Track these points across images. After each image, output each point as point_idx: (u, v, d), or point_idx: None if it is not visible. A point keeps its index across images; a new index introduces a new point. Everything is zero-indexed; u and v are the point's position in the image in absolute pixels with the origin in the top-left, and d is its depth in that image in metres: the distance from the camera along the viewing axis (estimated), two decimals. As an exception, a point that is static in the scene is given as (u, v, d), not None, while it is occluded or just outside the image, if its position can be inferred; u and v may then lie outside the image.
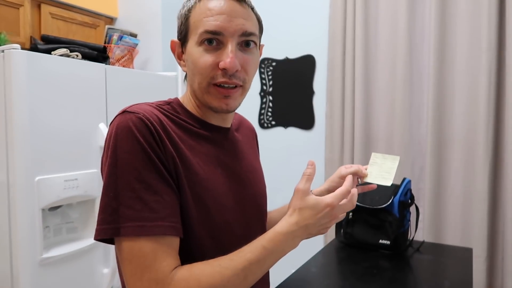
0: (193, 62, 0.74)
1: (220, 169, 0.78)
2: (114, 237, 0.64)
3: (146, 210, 0.63)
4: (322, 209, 0.68)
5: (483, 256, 1.95)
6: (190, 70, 0.76)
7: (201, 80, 0.73)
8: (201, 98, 0.76)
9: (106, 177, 0.66)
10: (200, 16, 0.72)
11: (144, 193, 0.64)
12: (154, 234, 0.63)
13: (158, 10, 2.29)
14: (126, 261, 0.64)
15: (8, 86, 1.44)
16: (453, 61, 2.06)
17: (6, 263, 1.46)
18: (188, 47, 0.75)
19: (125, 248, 0.63)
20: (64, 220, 1.67)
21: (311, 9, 2.50)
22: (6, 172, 1.46)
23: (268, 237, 0.67)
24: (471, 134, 2.02)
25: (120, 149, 0.65)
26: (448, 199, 2.09)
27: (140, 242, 0.63)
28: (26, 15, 1.94)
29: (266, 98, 2.66)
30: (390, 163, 0.84)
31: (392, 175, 0.81)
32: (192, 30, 0.74)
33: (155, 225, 0.64)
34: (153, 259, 0.62)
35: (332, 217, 0.70)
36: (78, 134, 1.62)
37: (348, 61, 2.28)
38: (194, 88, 0.77)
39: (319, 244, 2.42)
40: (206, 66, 0.72)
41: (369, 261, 1.37)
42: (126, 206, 0.63)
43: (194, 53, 0.73)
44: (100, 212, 0.66)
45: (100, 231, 0.65)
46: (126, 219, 0.63)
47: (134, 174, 0.64)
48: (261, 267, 0.66)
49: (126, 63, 2.17)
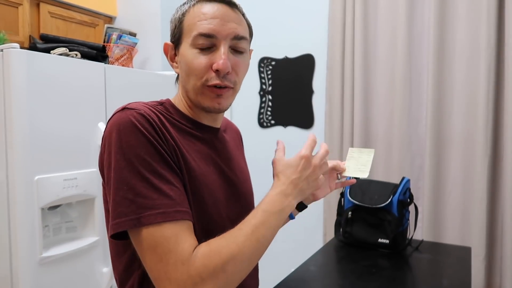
0: (187, 64, 0.77)
1: (212, 167, 0.81)
2: (135, 228, 0.65)
3: (163, 198, 0.66)
4: (299, 162, 0.74)
5: (481, 255, 1.95)
6: (183, 72, 0.79)
7: (195, 81, 0.77)
8: (194, 98, 0.79)
9: (115, 171, 0.67)
10: (194, 20, 0.76)
11: (158, 182, 0.66)
12: (175, 219, 0.65)
13: (157, 9, 2.29)
14: (149, 250, 0.65)
15: (7, 85, 1.43)
16: (452, 60, 2.07)
17: (6, 262, 1.46)
18: (182, 49, 0.78)
19: (147, 237, 0.64)
20: (64, 219, 1.67)
21: (311, 8, 2.50)
22: (5, 171, 1.46)
23: (264, 201, 0.72)
24: (470, 133, 2.03)
25: (126, 143, 0.67)
26: (447, 198, 2.09)
27: (161, 229, 0.64)
28: (25, 14, 1.94)
29: (266, 97, 2.66)
30: (366, 156, 0.87)
31: (368, 167, 0.85)
32: (186, 33, 0.77)
33: (175, 210, 0.66)
34: (176, 243, 0.64)
35: (314, 168, 0.76)
36: (77, 133, 1.62)
37: (348, 61, 2.28)
38: (187, 89, 0.80)
39: (318, 243, 2.43)
40: (200, 67, 0.75)
41: (368, 260, 1.37)
42: (142, 197, 0.65)
43: (188, 55, 0.76)
44: (115, 206, 0.66)
45: (120, 224, 0.65)
46: (145, 209, 0.64)
47: (144, 165, 0.66)
48: (268, 228, 0.69)
49: (125, 62, 2.17)
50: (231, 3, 0.78)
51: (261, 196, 0.75)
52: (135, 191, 0.65)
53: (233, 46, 0.78)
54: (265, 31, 2.60)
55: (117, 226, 0.66)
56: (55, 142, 1.54)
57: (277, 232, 0.72)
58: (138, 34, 2.26)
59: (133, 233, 0.66)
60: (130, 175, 0.66)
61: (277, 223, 0.71)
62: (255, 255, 0.68)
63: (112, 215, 0.67)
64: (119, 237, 0.68)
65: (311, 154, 0.76)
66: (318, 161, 0.76)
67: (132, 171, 0.66)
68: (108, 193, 0.69)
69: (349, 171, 0.85)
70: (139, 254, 0.67)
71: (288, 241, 2.51)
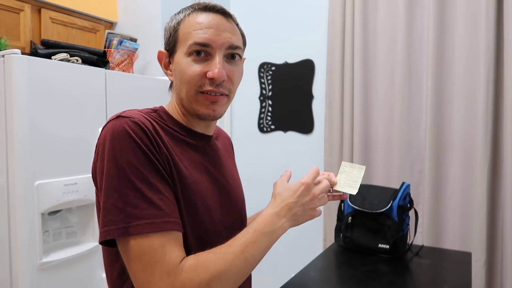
0: (181, 72, 0.78)
1: (204, 175, 0.81)
2: (122, 237, 0.65)
3: (152, 208, 0.66)
4: (298, 188, 0.75)
5: (482, 260, 1.95)
6: (177, 79, 0.80)
7: (189, 89, 0.77)
8: (188, 106, 0.80)
9: (107, 179, 0.67)
10: (189, 29, 0.77)
11: (148, 192, 0.66)
12: (163, 229, 0.66)
13: (157, 15, 2.30)
14: (135, 259, 0.65)
15: (8, 90, 1.44)
16: (451, 65, 2.08)
17: (6, 267, 1.46)
18: (176, 58, 0.79)
19: (134, 246, 0.65)
20: (64, 224, 1.67)
21: (310, 14, 2.52)
22: (6, 176, 1.46)
23: (256, 221, 0.73)
24: (469, 138, 2.03)
25: (119, 151, 0.67)
26: (447, 203, 2.09)
27: (149, 239, 0.65)
28: (26, 20, 1.95)
29: (266, 102, 2.66)
30: (357, 172, 0.88)
31: (357, 184, 0.86)
32: (181, 42, 0.78)
33: (163, 221, 0.66)
34: (163, 253, 0.64)
35: (312, 196, 0.76)
36: (77, 138, 1.62)
37: (347, 66, 2.29)
38: (181, 97, 0.80)
39: (318, 248, 2.42)
40: (194, 75, 0.76)
41: (368, 266, 1.37)
42: (132, 206, 0.65)
43: (183, 63, 0.77)
44: (105, 214, 0.66)
45: (108, 232, 0.66)
46: (133, 218, 0.65)
47: (136, 174, 0.66)
48: (257, 248, 0.70)
49: (125, 68, 2.18)
50: (226, 13, 0.80)
51: (256, 201, 0.76)
52: (125, 199, 0.65)
53: (228, 55, 0.79)
54: (265, 37, 2.61)
55: (105, 234, 0.66)
56: (55, 147, 1.54)
57: (267, 252, 0.72)
58: (139, 40, 2.27)
59: (121, 241, 0.67)
60: (121, 183, 0.66)
61: (267, 244, 0.71)
62: (242, 273, 0.69)
63: (101, 222, 0.67)
64: (109, 244, 0.68)
65: (312, 182, 0.77)
66: (318, 192, 0.77)
67: (123, 179, 0.66)
68: (100, 200, 0.70)
69: (340, 185, 0.86)
70: (125, 263, 0.67)
71: (288, 246, 2.50)
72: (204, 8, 0.78)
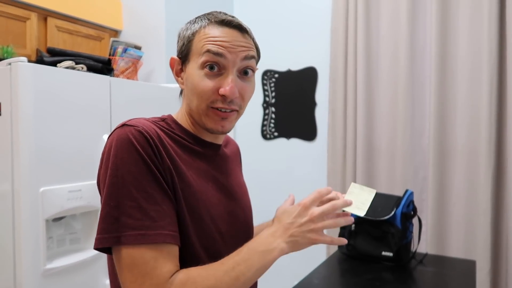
0: (193, 84, 0.77)
1: (211, 183, 0.81)
2: (115, 245, 0.66)
3: (146, 219, 0.66)
4: (295, 209, 0.74)
5: (486, 269, 1.93)
6: (189, 90, 0.79)
7: (199, 103, 0.77)
8: (198, 119, 0.80)
9: (107, 187, 0.68)
10: (203, 41, 0.76)
11: (144, 202, 0.66)
12: (155, 242, 0.65)
13: (162, 23, 2.32)
14: (126, 269, 0.65)
15: (15, 97, 1.45)
16: (454, 72, 2.08)
17: (10, 273, 1.46)
18: (189, 68, 0.79)
19: (125, 257, 0.65)
20: (68, 231, 1.67)
21: (313, 21, 2.53)
22: (11, 182, 1.47)
23: (252, 240, 0.73)
24: (473, 145, 2.03)
25: (121, 160, 0.67)
26: (451, 210, 2.08)
27: (141, 250, 0.65)
28: (32, 28, 1.97)
29: (269, 109, 2.67)
30: (366, 194, 0.88)
31: (366, 206, 0.85)
32: (194, 53, 0.77)
33: (156, 233, 0.66)
34: (154, 266, 0.64)
35: (310, 217, 0.72)
36: (82, 145, 1.64)
37: (350, 73, 2.30)
38: (191, 108, 0.80)
39: (321, 256, 2.41)
40: (206, 90, 0.76)
41: (371, 273, 1.37)
42: (126, 215, 0.65)
43: (196, 76, 0.76)
44: (101, 221, 0.67)
45: (101, 240, 0.66)
46: (127, 228, 0.65)
47: (134, 184, 0.66)
48: (249, 266, 0.68)
49: (130, 75, 2.20)
50: (242, 28, 0.78)
51: (259, 209, 0.76)
52: (121, 209, 0.65)
53: (241, 71, 0.78)
54: (268, 44, 2.63)
55: (98, 241, 0.67)
56: (60, 154, 1.55)
57: (263, 272, 0.70)
58: (143, 48, 2.29)
59: (114, 250, 0.67)
60: (119, 192, 0.66)
61: (260, 264, 0.69)
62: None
63: (97, 229, 0.68)
64: (107, 251, 0.69)
65: (311, 204, 0.74)
66: (316, 212, 0.73)
67: (122, 188, 0.66)
68: None
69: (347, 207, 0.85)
70: (117, 271, 0.68)
71: (291, 254, 2.49)
72: (220, 22, 0.77)
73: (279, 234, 0.72)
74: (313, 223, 0.73)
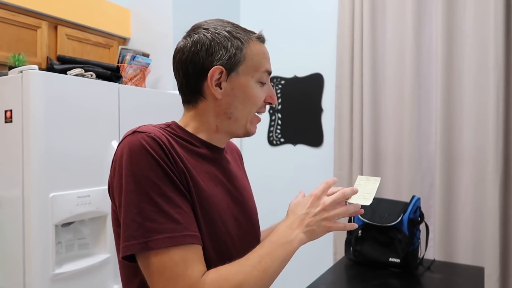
0: (247, 93, 0.82)
1: (219, 186, 0.82)
2: (143, 251, 0.66)
3: (171, 222, 0.67)
4: (308, 200, 0.79)
5: (495, 275, 1.92)
6: (237, 100, 0.82)
7: (251, 110, 0.84)
8: (243, 125, 0.84)
9: (125, 194, 0.68)
10: (259, 56, 0.83)
11: (166, 206, 0.67)
12: (183, 243, 0.67)
13: (169, 30, 2.35)
14: (157, 274, 0.66)
15: (26, 104, 1.48)
16: (460, 77, 2.08)
17: (19, 278, 1.48)
18: (241, 79, 0.81)
19: (154, 261, 0.66)
20: (76, 236, 1.69)
21: (320, 28, 2.55)
22: (21, 188, 1.49)
23: (272, 234, 0.76)
24: (480, 151, 2.02)
25: (136, 166, 0.68)
26: (458, 216, 2.07)
27: (170, 253, 0.65)
28: (43, 37, 2.01)
29: (275, 115, 2.68)
30: (372, 184, 0.89)
31: (372, 195, 0.87)
32: (250, 66, 0.82)
33: (182, 235, 0.67)
34: (184, 267, 0.65)
35: (323, 206, 0.77)
36: (91, 151, 1.66)
37: (356, 79, 2.31)
38: (236, 116, 0.83)
39: (328, 262, 2.40)
40: (261, 99, 0.84)
41: (378, 280, 1.36)
42: (151, 220, 0.66)
43: (252, 86, 0.82)
44: (125, 229, 0.67)
45: (128, 247, 0.67)
46: (153, 233, 0.66)
47: (154, 189, 0.68)
48: (274, 259, 0.72)
49: (138, 82, 2.22)
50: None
51: (266, 214, 0.76)
52: (144, 214, 0.66)
53: None
54: (274, 51, 2.63)
55: (126, 249, 0.67)
56: (69, 160, 1.57)
57: (286, 264, 0.74)
58: (151, 55, 2.32)
59: (141, 256, 0.67)
60: (140, 198, 0.67)
61: (284, 255, 0.73)
62: (261, 285, 0.70)
63: (122, 237, 0.68)
64: (129, 259, 0.69)
65: (322, 194, 0.79)
66: (328, 201, 0.78)
67: (141, 194, 0.67)
68: (119, 215, 0.71)
69: (354, 198, 0.86)
70: (146, 278, 0.68)
71: (298, 260, 2.48)
72: (260, 38, 0.85)
73: (296, 226, 0.76)
74: (326, 211, 0.77)
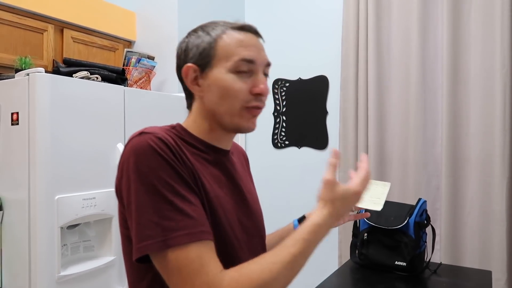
0: (224, 87, 0.78)
1: (225, 189, 0.81)
2: (160, 251, 0.65)
3: (187, 219, 0.67)
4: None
5: (503, 280, 1.90)
6: (216, 95, 0.79)
7: (233, 105, 0.78)
8: (228, 121, 0.80)
9: (136, 196, 0.68)
10: (232, 46, 0.78)
11: (181, 204, 0.67)
12: (200, 239, 0.66)
13: (174, 33, 2.36)
14: (174, 271, 0.65)
15: (32, 107, 1.49)
16: (466, 80, 2.06)
17: (25, 280, 1.49)
18: (215, 73, 0.78)
19: (172, 259, 0.65)
20: (82, 238, 1.69)
21: (324, 30, 2.55)
22: (27, 190, 1.50)
23: (307, 230, 0.72)
24: (487, 153, 2.00)
25: (146, 167, 0.68)
26: (465, 219, 2.05)
27: (187, 250, 0.65)
28: (49, 40, 2.03)
29: (280, 118, 2.68)
30: (381, 188, 0.87)
31: (382, 200, 0.85)
32: (221, 58, 0.78)
33: (200, 231, 0.67)
34: (201, 264, 0.65)
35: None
36: (96, 153, 1.66)
37: (361, 81, 2.30)
38: (219, 112, 0.79)
39: (333, 265, 2.39)
40: (241, 91, 0.78)
41: (384, 283, 1.35)
42: (167, 219, 0.66)
43: (227, 79, 0.78)
44: (141, 229, 0.67)
45: (146, 247, 0.66)
46: (170, 231, 0.65)
47: (167, 188, 0.67)
48: (305, 257, 0.71)
49: (143, 85, 2.23)
50: (258, 33, 0.83)
51: (270, 217, 0.75)
52: (160, 213, 0.66)
53: (263, 72, 0.82)
54: (279, 53, 2.64)
55: (143, 248, 0.66)
56: (75, 162, 1.58)
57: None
58: (156, 58, 2.32)
59: (158, 255, 0.66)
60: (154, 198, 0.66)
61: (312, 252, 0.72)
62: (286, 283, 0.69)
63: (136, 238, 0.67)
64: (141, 260, 0.68)
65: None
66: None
67: (155, 194, 0.67)
68: (129, 217, 0.70)
69: (363, 202, 0.84)
70: (164, 276, 0.67)
71: (303, 263, 2.47)
72: (241, 28, 0.81)
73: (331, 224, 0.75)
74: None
